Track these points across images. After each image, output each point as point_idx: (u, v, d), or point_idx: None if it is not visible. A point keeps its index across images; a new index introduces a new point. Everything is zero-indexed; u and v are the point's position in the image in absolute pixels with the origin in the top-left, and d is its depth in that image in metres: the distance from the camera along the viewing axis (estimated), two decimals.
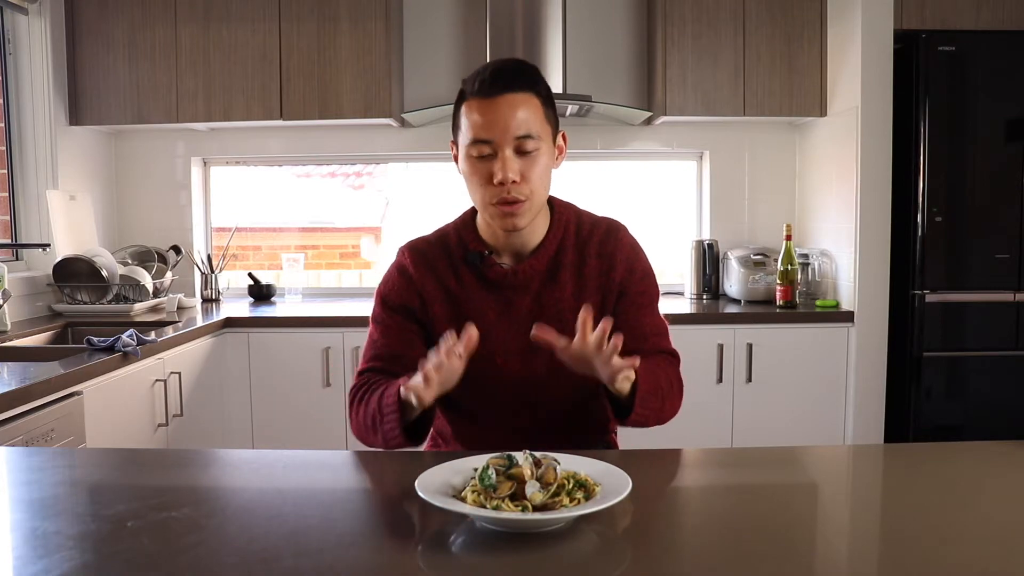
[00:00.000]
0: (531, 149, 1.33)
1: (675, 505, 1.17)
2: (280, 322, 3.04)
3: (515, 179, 1.31)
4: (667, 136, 3.56)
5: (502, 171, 1.30)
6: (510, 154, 1.31)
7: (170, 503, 1.08)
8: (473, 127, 1.32)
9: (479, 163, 1.33)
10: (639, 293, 1.45)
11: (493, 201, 1.34)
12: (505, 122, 1.30)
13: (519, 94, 1.32)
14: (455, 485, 1.05)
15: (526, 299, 1.42)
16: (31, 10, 3.05)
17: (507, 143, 1.31)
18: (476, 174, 1.34)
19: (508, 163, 1.31)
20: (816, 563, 0.95)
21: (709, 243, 3.44)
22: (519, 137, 1.31)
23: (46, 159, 3.12)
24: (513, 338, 1.40)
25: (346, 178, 3.86)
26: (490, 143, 1.31)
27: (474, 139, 1.32)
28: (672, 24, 3.18)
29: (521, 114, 1.31)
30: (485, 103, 1.31)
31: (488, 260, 1.42)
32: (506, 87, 1.31)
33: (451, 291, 1.43)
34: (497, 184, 1.31)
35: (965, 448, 1.45)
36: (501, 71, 1.33)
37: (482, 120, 1.31)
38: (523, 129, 1.31)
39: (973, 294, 2.95)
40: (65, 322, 2.87)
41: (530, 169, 1.33)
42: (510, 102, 1.31)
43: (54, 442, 1.90)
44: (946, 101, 2.91)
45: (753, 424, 3.04)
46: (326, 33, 3.17)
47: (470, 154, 1.34)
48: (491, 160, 1.32)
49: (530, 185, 1.33)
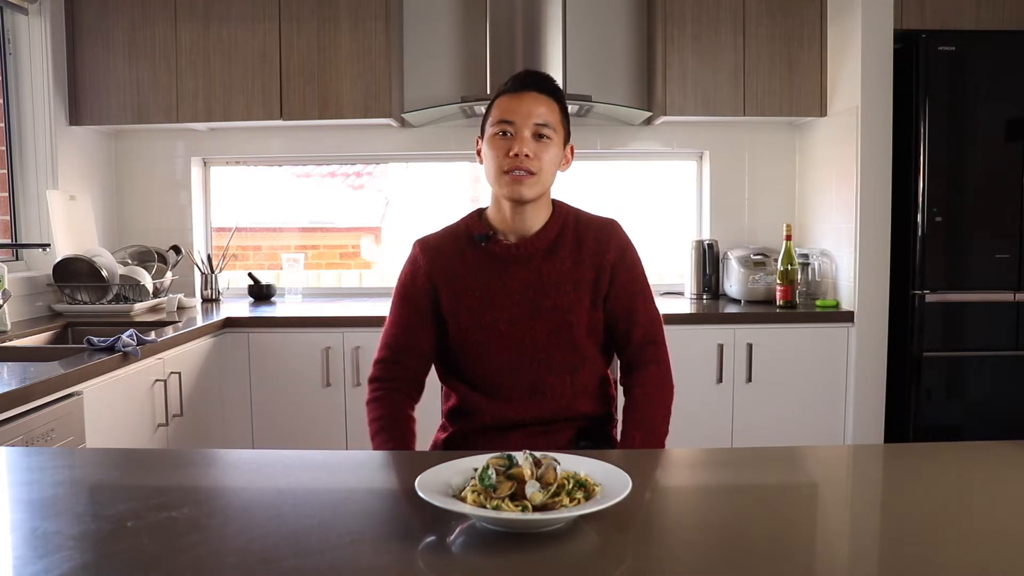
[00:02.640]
0: (545, 135, 1.54)
1: (675, 505, 1.17)
2: (280, 322, 3.04)
3: (528, 153, 1.52)
4: (667, 136, 3.56)
5: (521, 145, 1.51)
6: (528, 135, 1.53)
7: (170, 503, 1.08)
8: (500, 112, 1.55)
9: (500, 140, 1.54)
10: (629, 280, 1.62)
11: (506, 169, 1.52)
12: (528, 110, 1.53)
13: (543, 95, 1.56)
14: (455, 485, 1.05)
15: (527, 272, 1.58)
16: (31, 10, 3.05)
17: (526, 126, 1.53)
18: (495, 148, 1.54)
19: (525, 141, 1.52)
20: (816, 563, 0.95)
21: (709, 243, 3.44)
22: (537, 124, 1.53)
23: (46, 159, 3.12)
24: (515, 305, 1.57)
25: (346, 178, 3.86)
26: (512, 124, 1.53)
27: (499, 120, 1.54)
28: (672, 24, 3.18)
29: (543, 108, 1.54)
30: (514, 96, 1.55)
31: (493, 238, 1.59)
32: (534, 86, 1.56)
33: (457, 269, 1.60)
34: (512, 156, 1.51)
35: (965, 448, 1.45)
36: (531, 74, 1.58)
37: (509, 106, 1.54)
38: (542, 119, 1.54)
39: (973, 294, 2.95)
40: (65, 322, 2.87)
41: (542, 151, 1.54)
42: (535, 98, 1.55)
43: (54, 442, 1.90)
44: (946, 101, 2.91)
45: (753, 424, 3.04)
46: (326, 33, 3.17)
47: (494, 133, 1.54)
48: (510, 139, 1.53)
49: (540, 163, 1.53)
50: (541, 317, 1.56)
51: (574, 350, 1.58)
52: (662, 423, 1.59)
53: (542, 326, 1.56)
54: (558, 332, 1.56)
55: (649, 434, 1.56)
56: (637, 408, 1.59)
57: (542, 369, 1.57)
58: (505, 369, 1.58)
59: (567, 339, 1.57)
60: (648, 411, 1.59)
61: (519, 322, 1.56)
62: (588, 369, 1.61)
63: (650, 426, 1.57)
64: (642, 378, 1.62)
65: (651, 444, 1.55)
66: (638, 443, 1.54)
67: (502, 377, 1.58)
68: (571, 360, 1.58)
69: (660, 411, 1.60)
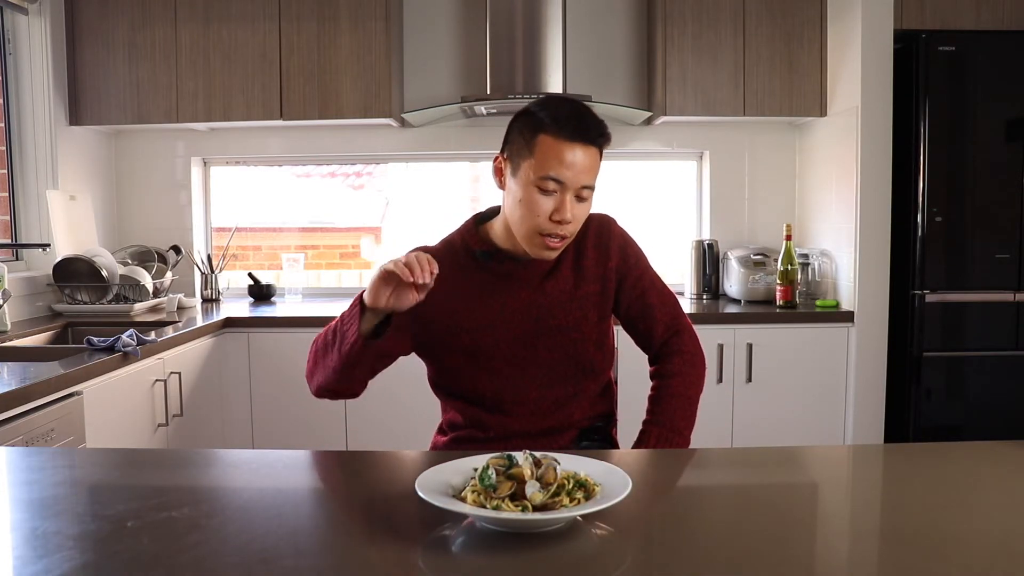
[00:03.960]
0: (586, 197, 1.44)
1: (675, 505, 1.17)
2: (280, 322, 3.04)
3: (570, 220, 1.42)
4: (667, 136, 3.56)
5: (566, 211, 1.40)
6: (571, 198, 1.41)
7: (170, 503, 1.08)
8: (551, 164, 1.39)
9: (543, 197, 1.41)
10: (637, 277, 1.58)
11: (544, 232, 1.42)
12: (580, 169, 1.40)
13: (594, 148, 1.42)
14: (455, 485, 1.05)
15: (529, 291, 1.53)
16: (31, 10, 3.05)
17: (574, 188, 1.41)
18: (537, 204, 1.41)
19: (569, 205, 1.41)
20: (816, 563, 0.95)
21: (709, 243, 3.44)
22: (583, 186, 1.42)
23: (46, 159, 3.12)
24: (518, 324, 1.52)
25: (346, 178, 3.86)
26: (561, 183, 1.40)
27: (549, 175, 1.40)
28: (672, 24, 3.18)
29: (590, 163, 1.42)
30: (569, 146, 1.39)
31: (495, 256, 1.53)
32: (588, 137, 1.41)
33: (456, 288, 1.51)
34: (555, 221, 1.41)
35: (965, 448, 1.45)
36: (584, 118, 1.42)
37: (562, 162, 1.39)
38: (588, 180, 1.42)
39: (973, 294, 2.95)
40: (65, 322, 2.87)
41: (581, 213, 1.45)
42: (588, 152, 1.41)
43: (54, 442, 1.90)
44: (946, 101, 2.91)
45: (753, 424, 3.04)
46: (326, 33, 3.17)
47: (538, 184, 1.41)
48: (553, 196, 1.41)
49: (575, 226, 1.45)
50: (545, 336, 1.52)
51: (579, 366, 1.55)
52: (683, 417, 1.54)
53: (545, 345, 1.52)
54: (562, 349, 1.53)
55: (668, 431, 1.51)
56: (658, 400, 1.56)
57: (545, 386, 1.54)
58: (507, 387, 1.53)
59: (571, 356, 1.53)
60: (669, 405, 1.54)
61: (522, 341, 1.52)
62: (594, 381, 1.59)
63: (669, 423, 1.52)
64: (666, 369, 1.58)
65: (671, 441, 1.50)
66: (652, 441, 1.50)
67: (504, 394, 1.54)
68: (575, 375, 1.56)
69: (682, 404, 1.55)
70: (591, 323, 1.55)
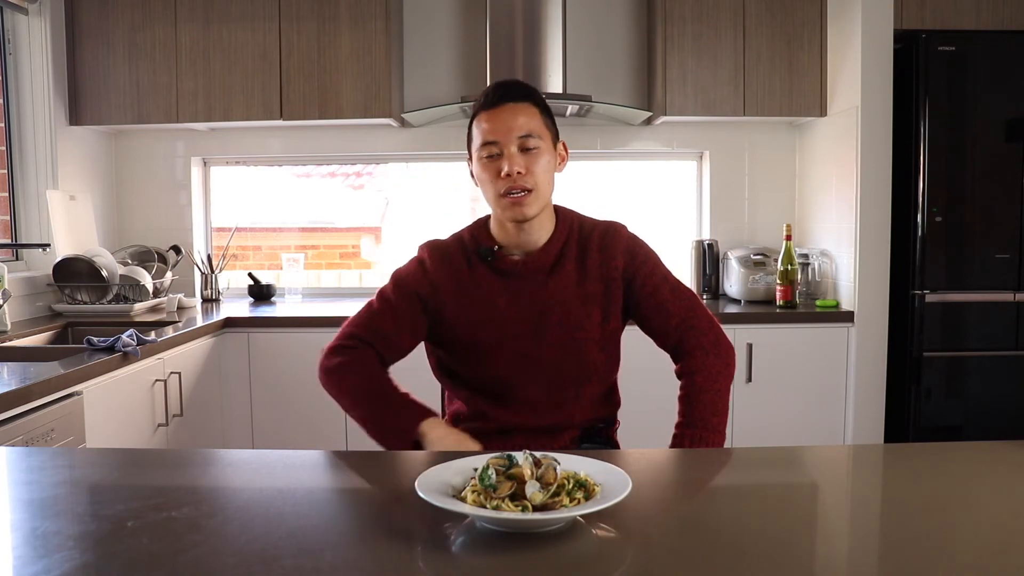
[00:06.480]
0: (532, 147, 1.51)
1: (675, 505, 1.17)
2: (280, 322, 3.04)
3: (520, 171, 1.49)
4: (667, 136, 3.56)
5: (512, 164, 1.49)
6: (514, 151, 1.50)
7: (170, 503, 1.08)
8: (482, 133, 1.52)
9: (489, 163, 1.52)
10: (647, 275, 1.59)
11: (502, 192, 1.50)
12: (508, 125, 1.50)
13: (519, 104, 1.52)
14: (455, 485, 1.05)
15: (533, 288, 1.56)
16: (31, 10, 3.04)
17: (511, 142, 1.50)
18: (486, 172, 1.52)
19: (513, 158, 1.49)
20: (816, 563, 0.95)
21: (709, 243, 3.44)
22: (521, 136, 1.50)
23: (46, 159, 3.12)
24: (522, 321, 1.55)
25: (346, 178, 3.86)
26: (496, 143, 1.50)
27: (483, 142, 1.52)
28: (672, 24, 3.18)
29: (522, 119, 1.51)
30: (491, 112, 1.52)
31: (498, 254, 1.57)
32: (507, 96, 1.52)
33: (463, 282, 1.58)
34: (504, 176, 1.49)
35: (965, 448, 1.45)
36: (501, 85, 1.54)
37: (489, 126, 1.51)
38: (524, 130, 1.50)
39: (973, 294, 2.95)
40: (65, 322, 2.87)
41: (533, 163, 1.51)
42: (511, 110, 1.51)
43: (54, 442, 1.90)
44: (946, 101, 2.91)
45: (753, 424, 3.04)
46: (326, 33, 3.17)
47: (481, 156, 1.53)
48: (499, 159, 1.51)
49: (534, 177, 1.50)
50: (548, 333, 1.54)
51: (582, 366, 1.56)
52: (714, 412, 1.53)
53: (549, 342, 1.54)
54: (565, 348, 1.54)
55: (701, 431, 1.51)
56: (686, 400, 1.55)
57: (548, 384, 1.56)
58: (510, 383, 1.56)
59: (574, 355, 1.55)
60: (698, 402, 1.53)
61: (525, 338, 1.54)
62: (598, 382, 1.60)
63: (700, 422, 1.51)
64: (688, 367, 1.57)
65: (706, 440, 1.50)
66: (687, 443, 1.50)
67: (507, 390, 1.56)
68: (579, 375, 1.57)
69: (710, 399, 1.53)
70: (594, 323, 1.55)
